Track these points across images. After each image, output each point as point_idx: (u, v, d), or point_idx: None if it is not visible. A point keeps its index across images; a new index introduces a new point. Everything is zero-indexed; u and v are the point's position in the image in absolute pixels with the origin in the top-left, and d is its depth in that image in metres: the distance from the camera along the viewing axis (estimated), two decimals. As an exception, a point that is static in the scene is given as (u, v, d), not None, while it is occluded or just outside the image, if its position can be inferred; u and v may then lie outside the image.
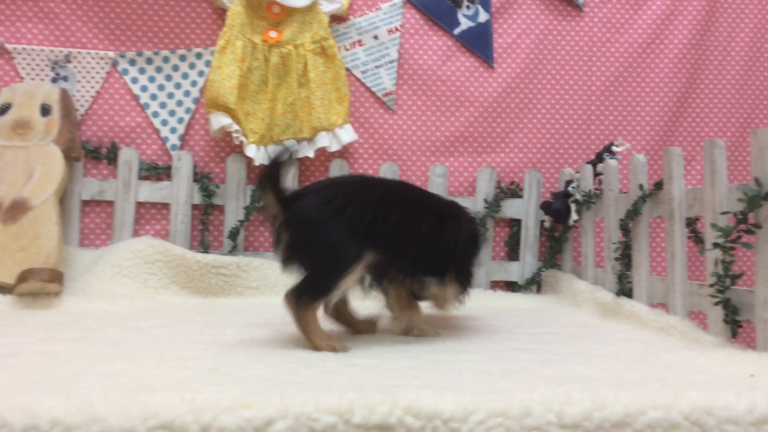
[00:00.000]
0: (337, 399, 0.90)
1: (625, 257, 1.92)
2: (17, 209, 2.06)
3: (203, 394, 0.90)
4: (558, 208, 2.25)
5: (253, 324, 1.73)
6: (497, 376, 1.18)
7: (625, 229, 1.91)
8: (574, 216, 2.22)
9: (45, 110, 2.19)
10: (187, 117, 2.34)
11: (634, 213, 1.86)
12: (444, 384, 1.10)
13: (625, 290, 1.89)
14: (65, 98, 2.22)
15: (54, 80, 2.27)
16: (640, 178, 1.87)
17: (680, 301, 1.67)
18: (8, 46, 2.24)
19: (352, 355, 1.37)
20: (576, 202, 2.22)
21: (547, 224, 2.39)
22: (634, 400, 1.00)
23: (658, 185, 1.76)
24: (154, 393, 0.94)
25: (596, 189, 2.16)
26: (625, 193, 1.97)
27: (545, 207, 2.33)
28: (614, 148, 2.21)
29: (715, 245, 1.44)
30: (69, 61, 2.28)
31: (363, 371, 1.21)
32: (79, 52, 2.28)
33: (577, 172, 2.28)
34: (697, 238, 1.65)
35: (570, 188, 2.25)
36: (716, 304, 1.47)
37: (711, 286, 1.48)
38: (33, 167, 2.12)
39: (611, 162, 2.07)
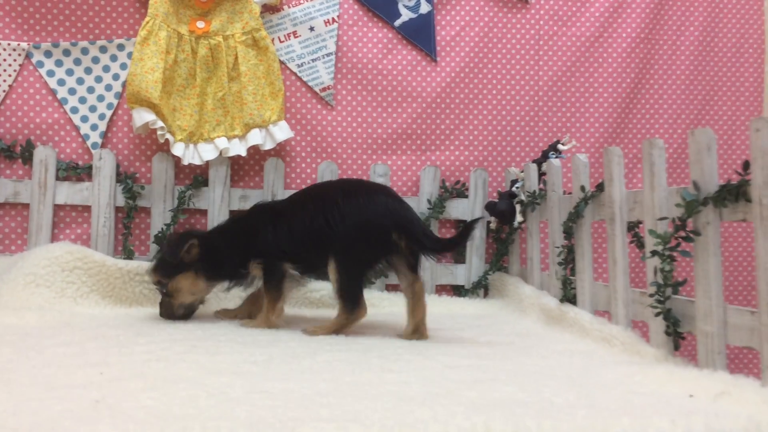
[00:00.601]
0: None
1: (569, 262, 1.83)
2: None
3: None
4: (503, 209, 2.16)
5: (171, 339, 1.59)
6: (417, 403, 1.07)
7: (568, 232, 1.82)
8: (519, 217, 2.13)
9: (-51, 106, 2.01)
10: (108, 113, 2.18)
11: (576, 216, 1.78)
12: (352, 415, 0.99)
13: (569, 296, 1.81)
14: (-28, 93, 2.05)
15: (-40, 73, 2.09)
16: (582, 179, 1.78)
17: (622, 309, 1.58)
18: None
19: (266, 377, 1.25)
20: (521, 202, 2.13)
21: (493, 225, 2.30)
22: (559, 430, 0.90)
23: (600, 187, 1.67)
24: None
25: (541, 189, 2.07)
26: (569, 194, 1.89)
27: (490, 208, 2.23)
28: (560, 146, 2.12)
29: (653, 253, 1.35)
30: (-23, 53, 2.10)
31: (269, 399, 1.09)
32: (-12, 43, 2.11)
33: (522, 171, 2.19)
34: (639, 243, 1.57)
35: (515, 188, 2.16)
36: (657, 315, 1.39)
37: (651, 296, 1.40)
38: (-65, 168, 1.94)
39: (554, 161, 1.98)
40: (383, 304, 2.21)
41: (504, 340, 1.69)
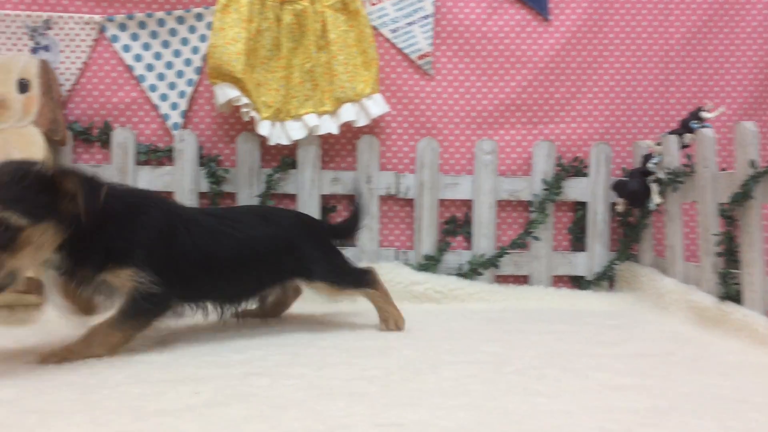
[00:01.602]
0: None
1: (730, 252, 1.52)
2: (-8, 204, 1.74)
3: None
4: (635, 189, 1.86)
5: (268, 344, 1.39)
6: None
7: (728, 216, 1.51)
8: (657, 198, 1.82)
9: (23, 86, 1.86)
10: (189, 90, 2.00)
11: (742, 197, 1.46)
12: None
13: (731, 294, 1.50)
14: (46, 71, 1.89)
15: (33, 51, 1.94)
16: (750, 152, 1.46)
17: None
18: (-21, 13, 1.91)
19: (388, 400, 1.02)
20: (658, 181, 1.82)
21: (620, 208, 1.99)
22: None
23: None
24: None
25: (684, 165, 1.75)
26: (726, 170, 1.57)
27: (619, 188, 1.93)
28: (704, 114, 1.80)
29: None
30: (49, 28, 1.94)
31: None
32: (61, 17, 1.94)
33: (658, 144, 1.87)
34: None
35: (650, 165, 1.85)
36: None
37: None
38: (10, 153, 1.80)
39: (707, 131, 1.66)
40: (495, 298, 1.95)
41: (657, 348, 1.40)
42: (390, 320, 1.54)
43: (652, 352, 1.35)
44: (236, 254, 1.39)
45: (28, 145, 1.82)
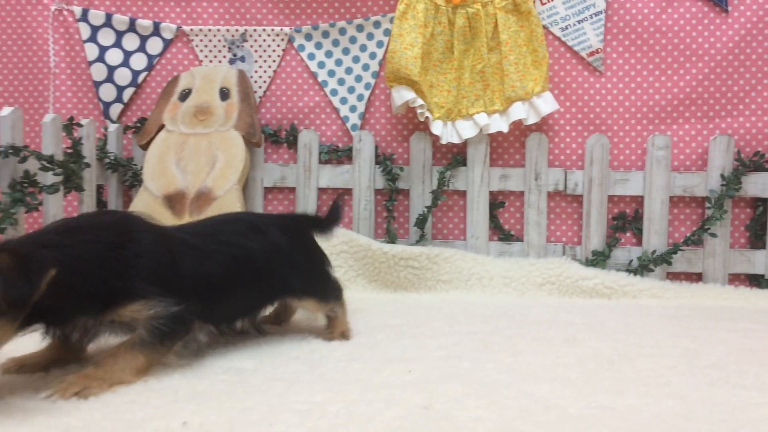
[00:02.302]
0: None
1: None
2: (202, 200, 1.98)
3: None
4: (826, 185, 1.77)
5: (454, 332, 1.48)
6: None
7: None
8: None
9: (224, 94, 2.09)
10: (366, 93, 2.14)
11: None
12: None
13: None
14: (243, 80, 2.11)
15: (231, 61, 2.17)
16: None
17: None
18: (185, 28, 2.16)
19: (593, 386, 1.07)
20: None
21: (807, 204, 1.91)
22: None
23: None
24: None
25: None
26: None
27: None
28: None
29: None
30: (245, 40, 2.16)
31: (620, 419, 0.92)
32: (255, 30, 2.15)
33: None
34: None
35: None
36: None
37: None
38: (215, 155, 2.03)
39: None
40: (667, 295, 1.94)
41: None
42: (338, 330, 1.41)
43: None
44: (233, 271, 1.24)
45: (230, 147, 2.04)
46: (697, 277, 2.04)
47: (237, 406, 0.97)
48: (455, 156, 2.10)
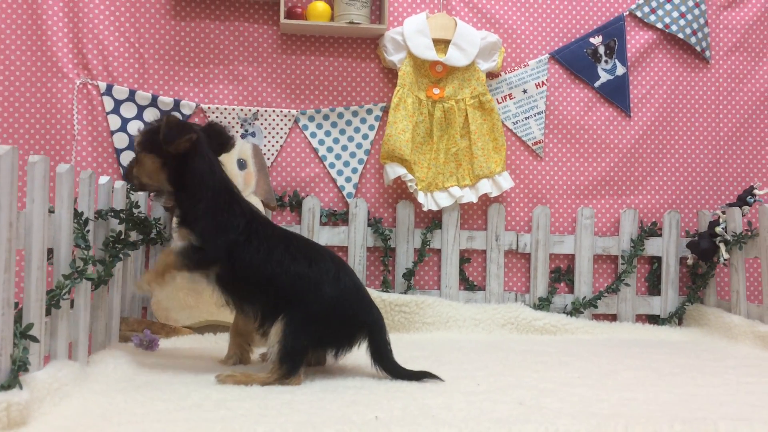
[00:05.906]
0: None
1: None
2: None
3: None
4: (706, 248, 2.47)
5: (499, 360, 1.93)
6: None
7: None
8: (725, 255, 2.43)
9: (241, 164, 2.42)
10: (360, 167, 2.57)
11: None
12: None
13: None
14: (257, 153, 2.45)
15: (243, 136, 2.51)
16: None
17: None
18: (203, 106, 2.48)
19: (664, 388, 1.58)
20: (725, 242, 2.43)
21: (690, 261, 2.61)
22: None
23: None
24: None
25: (746, 230, 2.37)
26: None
27: (692, 246, 2.54)
28: (756, 192, 2.43)
29: None
30: (256, 119, 2.51)
31: (696, 402, 1.42)
32: (266, 110, 2.52)
33: (723, 213, 2.49)
34: None
35: (718, 229, 2.46)
36: None
37: None
38: (235, 217, 2.34)
39: (766, 207, 2.28)
40: (596, 331, 2.52)
41: (746, 362, 1.99)
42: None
43: (745, 364, 1.94)
44: None
45: (248, 210, 2.36)
46: (613, 318, 2.66)
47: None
48: (433, 220, 2.59)
